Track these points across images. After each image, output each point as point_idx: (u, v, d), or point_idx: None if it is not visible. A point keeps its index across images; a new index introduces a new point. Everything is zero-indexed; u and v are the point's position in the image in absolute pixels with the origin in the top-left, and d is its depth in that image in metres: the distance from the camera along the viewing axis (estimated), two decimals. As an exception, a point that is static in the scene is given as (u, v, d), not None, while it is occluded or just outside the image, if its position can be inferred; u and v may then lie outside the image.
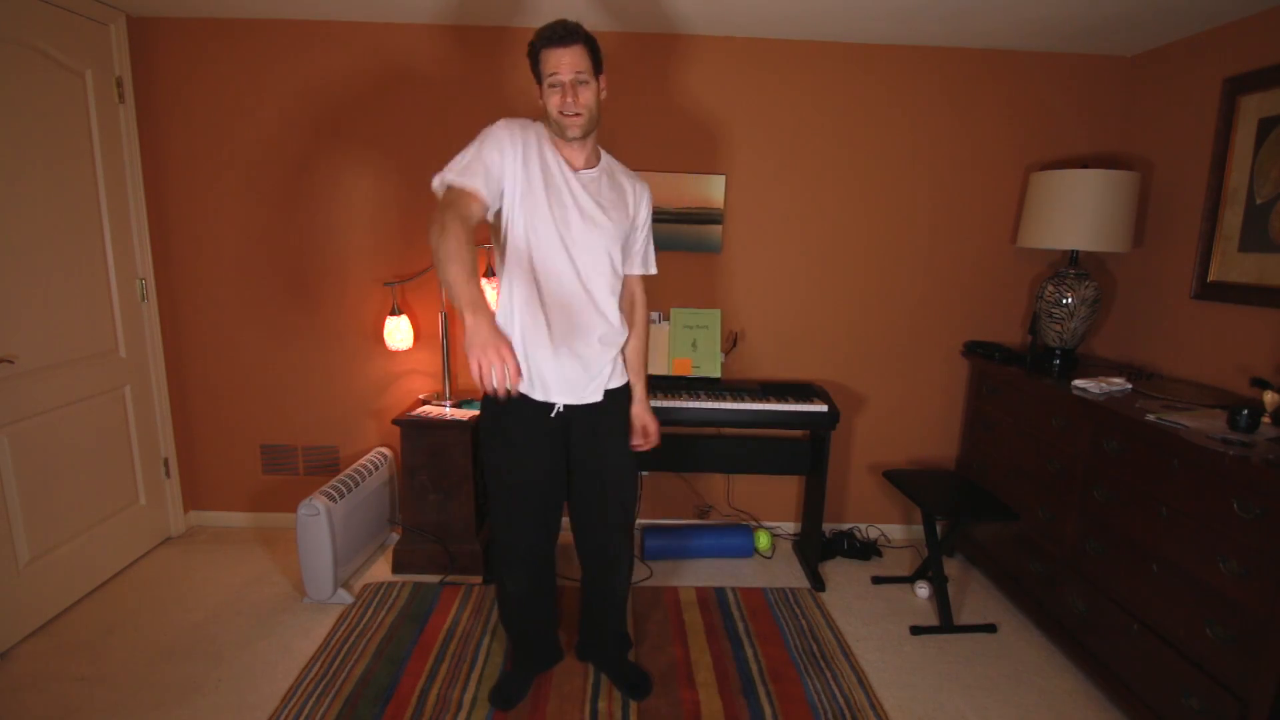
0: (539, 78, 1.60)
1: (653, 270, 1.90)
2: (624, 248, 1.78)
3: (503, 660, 2.13)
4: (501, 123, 1.62)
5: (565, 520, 1.93)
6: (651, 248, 1.88)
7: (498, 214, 1.65)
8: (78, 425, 2.40)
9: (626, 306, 1.86)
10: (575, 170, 1.67)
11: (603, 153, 1.77)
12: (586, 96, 1.59)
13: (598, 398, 1.76)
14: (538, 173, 1.62)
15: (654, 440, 1.91)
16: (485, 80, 2.68)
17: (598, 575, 1.96)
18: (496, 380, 1.34)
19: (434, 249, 1.44)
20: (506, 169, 1.59)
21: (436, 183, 1.56)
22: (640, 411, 1.89)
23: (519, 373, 1.38)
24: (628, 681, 2.00)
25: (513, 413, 1.73)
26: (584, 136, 1.64)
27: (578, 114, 1.58)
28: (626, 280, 1.85)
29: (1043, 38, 2.56)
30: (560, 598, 2.41)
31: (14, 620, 2.16)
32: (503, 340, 1.37)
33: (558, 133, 1.64)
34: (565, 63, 1.55)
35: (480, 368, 1.33)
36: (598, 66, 1.63)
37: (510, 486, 1.80)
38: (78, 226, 2.39)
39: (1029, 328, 2.80)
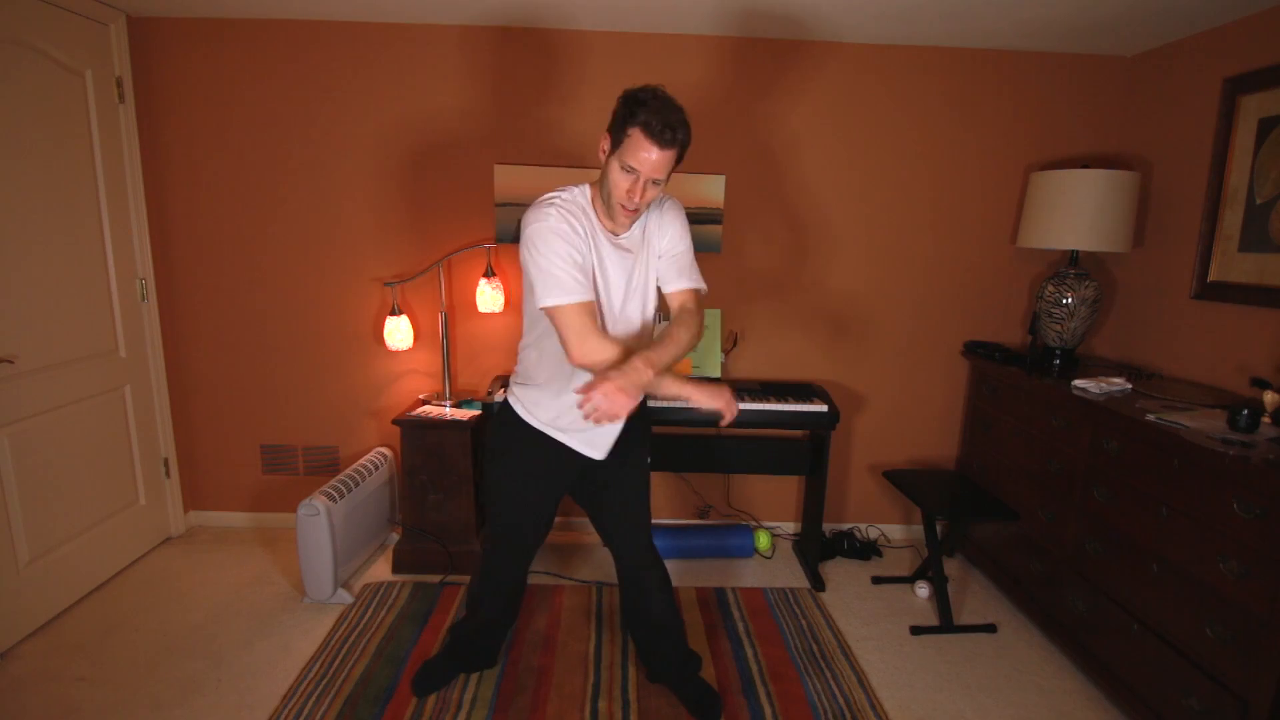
0: (616, 143, 1.46)
1: (690, 285, 1.66)
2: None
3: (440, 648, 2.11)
4: (554, 218, 1.48)
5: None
6: (688, 264, 1.67)
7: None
8: (78, 425, 2.40)
9: (675, 312, 1.68)
10: (615, 234, 1.59)
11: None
12: (651, 195, 1.49)
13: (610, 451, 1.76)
14: (587, 252, 1.54)
15: (598, 409, 1.41)
16: (486, 80, 2.69)
17: (624, 598, 1.96)
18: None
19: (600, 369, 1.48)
20: (584, 255, 1.53)
21: (550, 304, 1.47)
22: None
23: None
24: (694, 702, 1.93)
25: (539, 444, 1.72)
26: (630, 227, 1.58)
27: (635, 210, 1.51)
28: (671, 296, 1.68)
29: (1043, 38, 2.56)
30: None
31: (14, 620, 2.16)
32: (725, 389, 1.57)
33: (605, 210, 1.55)
34: (652, 163, 1.43)
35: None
36: (679, 162, 1.50)
37: (511, 523, 1.84)
38: (78, 226, 2.39)
39: (1029, 328, 2.80)
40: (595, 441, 1.72)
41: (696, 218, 2.78)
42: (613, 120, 1.48)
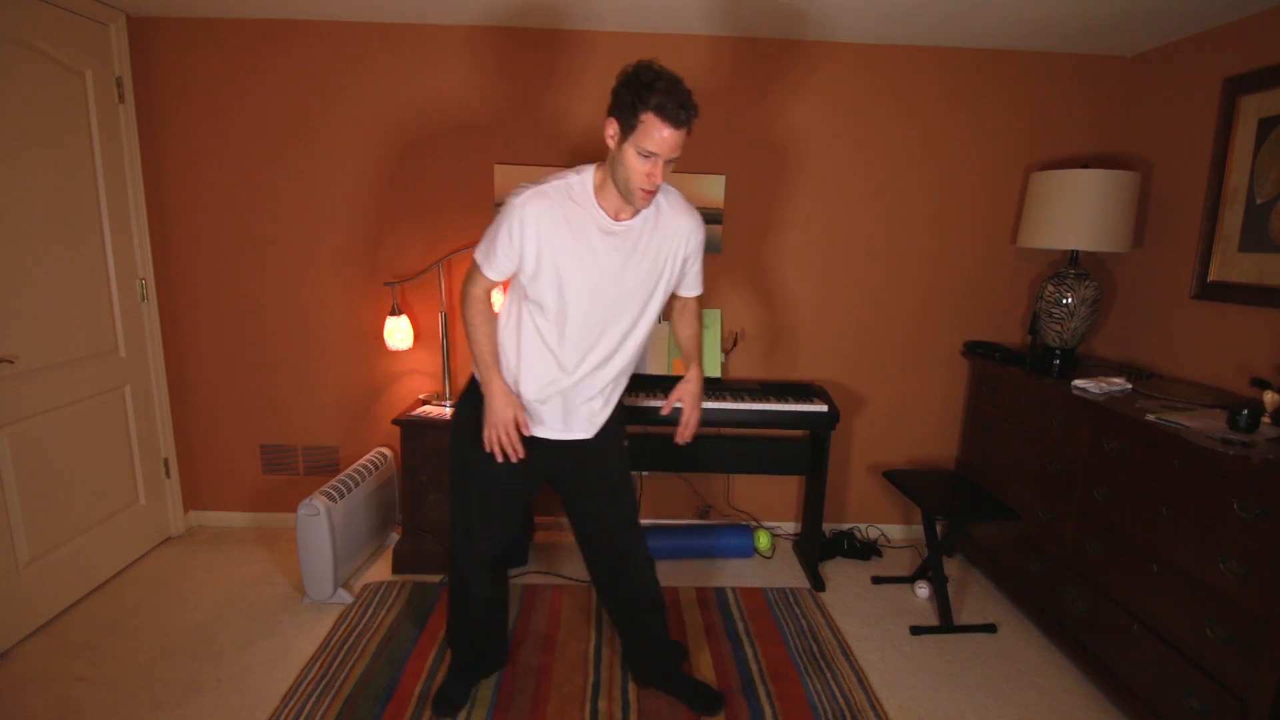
0: (627, 129, 1.44)
1: (697, 291, 1.83)
2: (676, 280, 1.74)
3: (449, 669, 2.03)
4: (518, 204, 1.54)
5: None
6: (699, 274, 1.79)
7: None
8: (78, 425, 2.40)
9: (677, 310, 1.89)
10: (616, 220, 1.59)
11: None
12: (668, 174, 1.51)
13: (590, 434, 1.78)
14: (562, 242, 1.56)
15: (687, 433, 1.84)
16: (487, 80, 2.68)
17: (609, 582, 1.95)
18: (497, 454, 1.68)
19: (464, 319, 1.71)
20: (522, 252, 1.58)
21: (477, 259, 1.67)
22: (685, 389, 1.84)
23: (520, 448, 1.68)
24: (697, 700, 1.92)
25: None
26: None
27: (654, 191, 1.51)
28: (675, 297, 1.84)
29: (1043, 38, 2.56)
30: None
31: (14, 620, 2.16)
32: (510, 413, 1.65)
33: (622, 195, 1.53)
34: (670, 144, 1.43)
35: (491, 439, 1.67)
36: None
37: (479, 492, 1.79)
38: (78, 226, 2.39)
39: (1029, 328, 2.80)
40: (569, 424, 1.76)
41: (696, 218, 2.77)
42: (618, 105, 1.46)
